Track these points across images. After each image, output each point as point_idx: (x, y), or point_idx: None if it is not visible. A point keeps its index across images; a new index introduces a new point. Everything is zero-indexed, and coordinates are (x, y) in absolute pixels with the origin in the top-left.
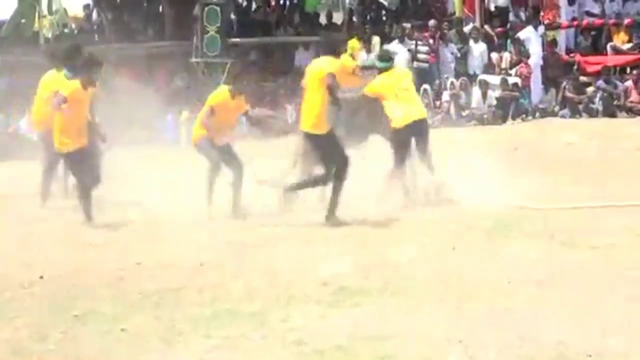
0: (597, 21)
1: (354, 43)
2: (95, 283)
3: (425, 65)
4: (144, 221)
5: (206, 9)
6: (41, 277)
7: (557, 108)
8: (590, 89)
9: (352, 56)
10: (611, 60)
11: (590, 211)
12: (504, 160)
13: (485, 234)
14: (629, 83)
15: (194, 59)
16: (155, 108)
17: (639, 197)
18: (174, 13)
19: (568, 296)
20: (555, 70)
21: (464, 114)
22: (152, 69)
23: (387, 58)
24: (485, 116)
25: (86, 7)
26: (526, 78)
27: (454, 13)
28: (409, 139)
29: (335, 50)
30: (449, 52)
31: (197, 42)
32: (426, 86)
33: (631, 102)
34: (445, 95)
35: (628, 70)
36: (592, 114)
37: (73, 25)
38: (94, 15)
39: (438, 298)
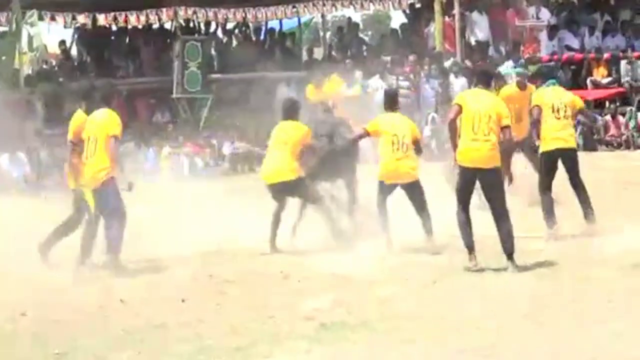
0: (577, 55)
1: (335, 78)
2: (78, 320)
3: (406, 99)
4: (126, 258)
5: (187, 45)
6: (23, 314)
7: (537, 142)
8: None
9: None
10: (591, 94)
11: (572, 242)
12: None
13: (470, 269)
14: (608, 117)
15: (175, 95)
16: (137, 143)
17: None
18: (152, 49)
19: (554, 330)
20: None
21: (446, 147)
22: (133, 105)
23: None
24: None
25: (62, 42)
26: None
27: (435, 48)
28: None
29: None
30: (429, 87)
31: (178, 78)
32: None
33: (610, 135)
34: (427, 130)
35: (607, 104)
36: None
37: (53, 62)
38: (74, 51)
39: (422, 333)
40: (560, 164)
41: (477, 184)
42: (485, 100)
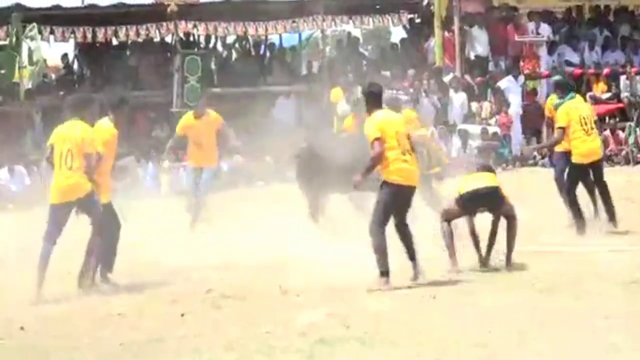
0: (577, 71)
1: (336, 92)
2: (76, 334)
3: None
4: (124, 272)
5: (187, 59)
6: (21, 329)
7: (537, 157)
8: None
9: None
10: None
11: (570, 257)
12: None
13: (467, 283)
14: (607, 133)
15: (174, 109)
16: (136, 157)
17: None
18: (152, 63)
19: (549, 346)
20: (536, 119)
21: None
22: (132, 119)
23: None
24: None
25: (64, 56)
26: (506, 127)
27: (435, 63)
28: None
29: None
30: (429, 102)
31: (178, 92)
32: None
33: (610, 151)
34: None
35: (607, 119)
36: None
37: (53, 76)
38: (75, 65)
39: (418, 348)
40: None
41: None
42: (398, 119)
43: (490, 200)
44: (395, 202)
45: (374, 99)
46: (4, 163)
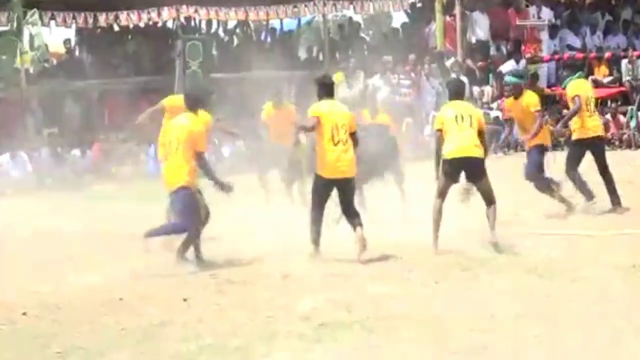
0: (579, 55)
1: (338, 76)
2: (77, 319)
3: (407, 99)
4: (125, 256)
5: (188, 44)
6: (24, 314)
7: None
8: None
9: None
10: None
11: (570, 242)
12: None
13: (467, 268)
14: (608, 117)
15: (176, 94)
16: (139, 142)
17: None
18: (154, 49)
19: (549, 331)
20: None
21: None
22: (135, 104)
23: None
24: None
25: (66, 41)
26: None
27: (436, 47)
28: None
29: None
30: (430, 87)
31: (179, 77)
32: (409, 119)
33: (611, 134)
34: (427, 130)
35: (608, 103)
36: None
37: (54, 61)
38: (77, 51)
39: (420, 333)
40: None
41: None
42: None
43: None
44: (326, 192)
45: (324, 89)
46: (6, 149)
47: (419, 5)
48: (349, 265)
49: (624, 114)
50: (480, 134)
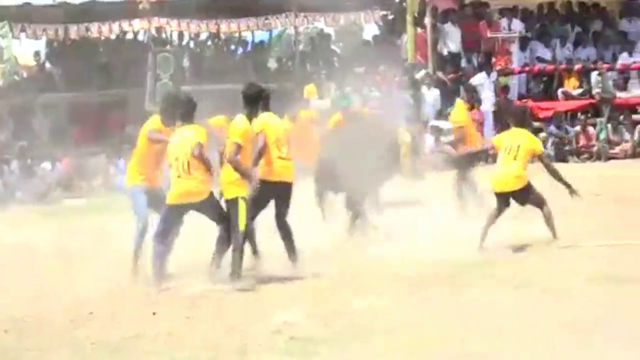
0: (549, 67)
1: (310, 88)
2: (47, 334)
3: (378, 111)
4: (94, 270)
5: (159, 56)
6: None
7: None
8: (542, 135)
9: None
10: (562, 105)
11: (542, 254)
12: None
13: (445, 279)
14: (578, 128)
15: (147, 107)
16: (108, 155)
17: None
18: (125, 61)
19: (524, 343)
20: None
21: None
22: (105, 117)
23: None
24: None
25: (36, 54)
26: (479, 124)
27: (407, 59)
28: None
29: None
30: (401, 99)
31: (150, 90)
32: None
33: (581, 147)
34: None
35: (578, 115)
36: None
37: (24, 74)
38: (47, 63)
39: (395, 346)
40: None
41: None
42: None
43: None
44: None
45: (247, 100)
46: None
47: (390, 17)
48: (328, 278)
49: (594, 126)
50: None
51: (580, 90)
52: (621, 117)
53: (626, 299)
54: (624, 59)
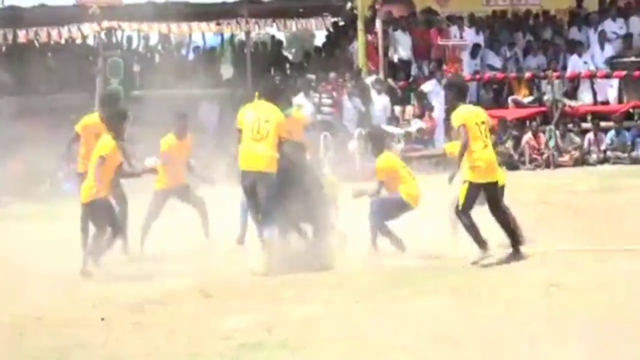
0: (499, 75)
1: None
2: None
3: (329, 117)
4: (42, 276)
5: (109, 61)
6: None
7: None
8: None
9: None
10: (512, 113)
11: (492, 261)
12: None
13: (394, 288)
14: (529, 135)
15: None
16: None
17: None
18: (74, 65)
19: (472, 352)
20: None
21: (368, 164)
22: (54, 121)
23: None
24: None
25: None
26: (430, 131)
27: (358, 66)
28: None
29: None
30: (352, 106)
31: (100, 94)
32: (326, 133)
33: (530, 154)
34: (351, 145)
35: (528, 123)
36: None
37: None
38: None
39: (340, 354)
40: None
41: None
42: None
43: None
44: None
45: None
46: None
47: (341, 24)
48: (273, 285)
49: (544, 133)
50: None
51: (530, 98)
52: (570, 125)
53: (571, 307)
54: (574, 61)
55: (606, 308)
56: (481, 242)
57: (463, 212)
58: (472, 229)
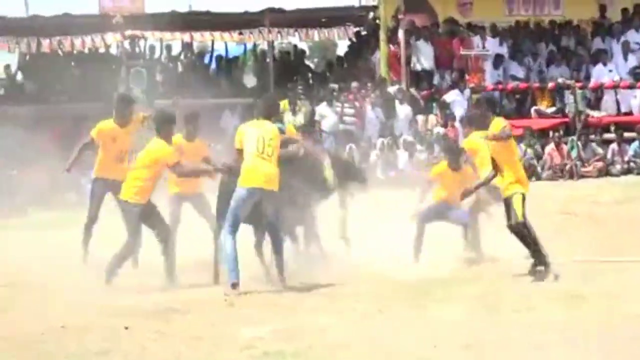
0: (522, 85)
1: (283, 104)
2: (18, 346)
3: (352, 127)
4: (67, 283)
5: (132, 70)
6: None
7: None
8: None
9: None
10: (535, 123)
11: (516, 271)
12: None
13: (416, 297)
14: (552, 146)
15: None
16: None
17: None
18: (98, 74)
19: None
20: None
21: (391, 174)
22: (78, 130)
23: None
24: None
25: (7, 67)
26: (454, 140)
27: (380, 76)
28: None
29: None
30: (374, 116)
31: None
32: (351, 144)
33: (553, 165)
34: (373, 155)
35: (551, 134)
36: None
37: None
38: (19, 76)
39: None
40: None
41: None
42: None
43: None
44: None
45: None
46: None
47: (364, 33)
48: (294, 294)
49: (567, 143)
50: None
51: (553, 109)
52: (593, 136)
53: (591, 317)
54: (598, 70)
55: (626, 319)
56: (542, 255)
57: (524, 224)
58: (535, 240)
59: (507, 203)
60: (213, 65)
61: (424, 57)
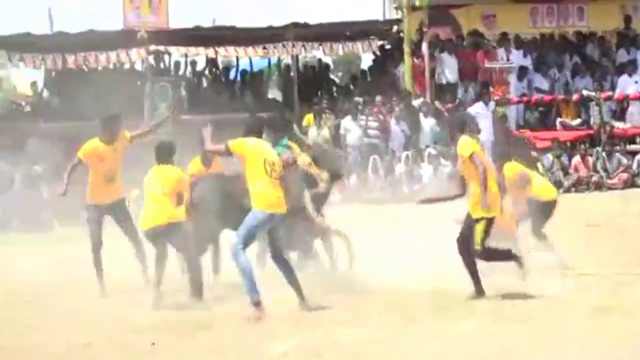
0: (547, 97)
1: (308, 118)
2: None
3: (376, 140)
4: (92, 300)
5: (156, 85)
6: None
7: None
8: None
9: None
10: (560, 135)
11: (542, 283)
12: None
13: (444, 309)
14: (577, 159)
15: None
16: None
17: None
18: (123, 90)
19: None
20: (505, 145)
21: (415, 188)
22: None
23: None
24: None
25: (33, 84)
26: None
27: (404, 89)
28: None
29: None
30: (399, 130)
31: (148, 119)
32: (375, 156)
33: (580, 177)
34: (398, 169)
35: (577, 146)
36: None
37: (23, 103)
38: (45, 93)
39: None
40: None
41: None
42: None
43: None
44: None
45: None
46: None
47: (388, 47)
48: (318, 309)
49: (592, 155)
50: None
51: (578, 121)
52: (618, 147)
53: (616, 330)
54: (623, 81)
55: None
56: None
57: (482, 254)
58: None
59: (471, 225)
60: (238, 80)
61: (448, 70)
